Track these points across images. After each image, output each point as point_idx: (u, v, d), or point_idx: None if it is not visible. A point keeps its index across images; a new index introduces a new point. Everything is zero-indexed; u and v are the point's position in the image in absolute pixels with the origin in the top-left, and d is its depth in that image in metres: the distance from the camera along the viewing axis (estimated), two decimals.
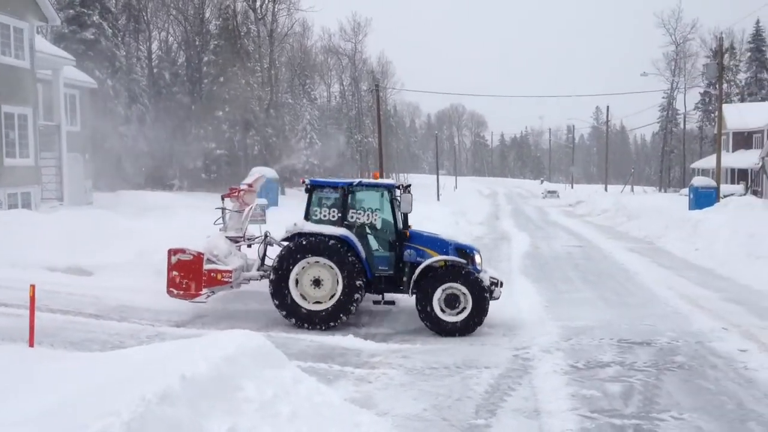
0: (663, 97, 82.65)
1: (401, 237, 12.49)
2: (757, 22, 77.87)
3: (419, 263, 12.25)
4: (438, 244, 12.64)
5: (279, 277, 11.98)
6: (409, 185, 12.89)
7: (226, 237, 13.15)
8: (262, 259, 13.07)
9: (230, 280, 12.28)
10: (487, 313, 11.92)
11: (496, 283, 12.44)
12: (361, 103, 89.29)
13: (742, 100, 72.38)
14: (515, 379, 9.30)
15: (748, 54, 79.30)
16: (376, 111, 48.66)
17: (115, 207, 26.32)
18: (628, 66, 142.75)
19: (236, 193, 13.65)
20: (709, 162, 53.87)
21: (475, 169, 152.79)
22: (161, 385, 5.39)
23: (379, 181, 13.05)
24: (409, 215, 12.55)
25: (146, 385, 5.36)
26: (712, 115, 71.36)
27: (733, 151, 55.66)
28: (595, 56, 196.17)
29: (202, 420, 5.48)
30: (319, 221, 12.42)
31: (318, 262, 11.99)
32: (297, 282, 12.02)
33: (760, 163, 42.62)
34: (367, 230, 12.68)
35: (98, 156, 34.96)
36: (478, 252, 12.92)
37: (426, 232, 13.23)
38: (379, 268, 12.47)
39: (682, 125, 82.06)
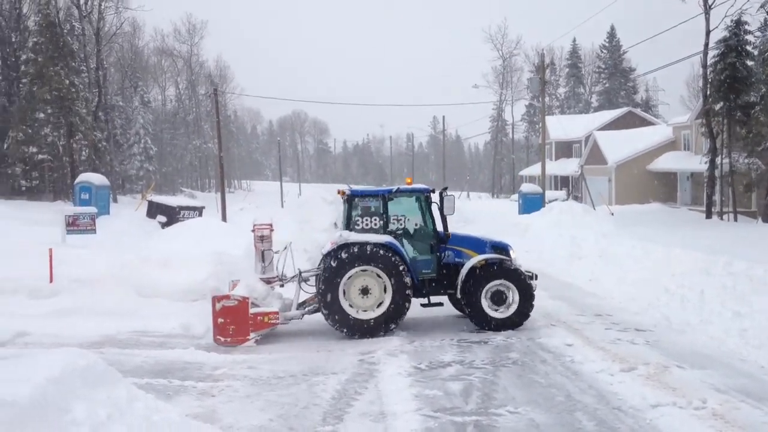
0: (493, 109, 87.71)
1: (443, 239, 12.77)
2: (574, 40, 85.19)
3: (458, 264, 12.64)
4: (474, 243, 13.02)
5: (328, 289, 11.90)
6: (446, 188, 13.10)
7: (260, 279, 12.96)
8: (299, 297, 12.85)
9: (278, 321, 12.11)
10: (533, 305, 12.38)
11: (531, 276, 12.76)
12: (199, 108, 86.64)
13: (563, 113, 78.60)
14: (361, 383, 9.36)
15: (567, 70, 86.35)
16: (216, 116, 47.34)
17: None
18: (463, 78, 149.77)
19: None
20: (535, 169, 57.84)
21: (318, 176, 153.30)
22: None
23: (416, 186, 13.12)
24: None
25: None
26: (537, 126, 76.82)
27: (556, 160, 60.18)
28: (432, 67, 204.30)
29: None
30: (362, 230, 12.46)
31: (366, 270, 12.02)
32: (345, 292, 11.99)
33: (580, 171, 46.41)
34: (409, 235, 12.92)
35: None
36: (512, 248, 13.26)
37: (460, 233, 13.49)
38: (423, 271, 12.69)
39: (510, 135, 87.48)
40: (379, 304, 12.08)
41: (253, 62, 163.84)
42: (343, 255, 11.97)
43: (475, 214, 36.72)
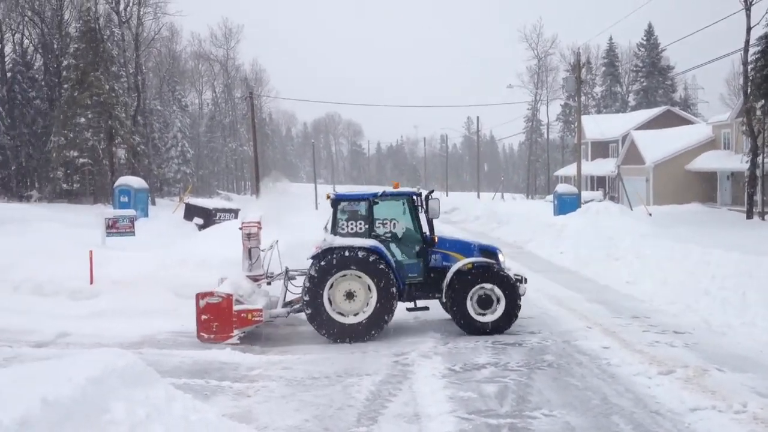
0: (528, 109, 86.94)
1: (429, 243, 12.66)
2: (610, 39, 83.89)
3: (445, 267, 12.53)
4: (462, 246, 12.97)
5: (313, 294, 11.85)
6: (432, 191, 13.10)
7: (247, 276, 13.09)
8: (285, 295, 13.00)
9: (261, 318, 12.03)
10: (519, 309, 12.27)
11: (520, 280, 12.68)
12: (236, 111, 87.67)
13: (599, 112, 77.49)
14: (396, 384, 9.38)
15: (603, 68, 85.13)
16: (251, 119, 47.87)
17: None
18: (497, 78, 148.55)
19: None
20: (570, 170, 57.14)
21: (352, 178, 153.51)
22: (20, 410, 4.98)
23: (402, 189, 13.07)
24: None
25: (2, 411, 4.92)
26: (572, 125, 75.94)
27: (592, 160, 59.35)
28: (467, 68, 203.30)
29: None
30: (347, 234, 12.34)
31: (351, 275, 11.96)
32: (329, 296, 11.94)
33: (617, 171, 45.73)
34: (396, 239, 12.82)
35: None
36: (501, 251, 13.16)
37: (448, 236, 13.43)
38: (409, 275, 12.60)
39: (545, 135, 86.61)
40: (364, 309, 12.00)
41: (289, 65, 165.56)
42: (328, 259, 11.93)
43: (509, 216, 36.35)
